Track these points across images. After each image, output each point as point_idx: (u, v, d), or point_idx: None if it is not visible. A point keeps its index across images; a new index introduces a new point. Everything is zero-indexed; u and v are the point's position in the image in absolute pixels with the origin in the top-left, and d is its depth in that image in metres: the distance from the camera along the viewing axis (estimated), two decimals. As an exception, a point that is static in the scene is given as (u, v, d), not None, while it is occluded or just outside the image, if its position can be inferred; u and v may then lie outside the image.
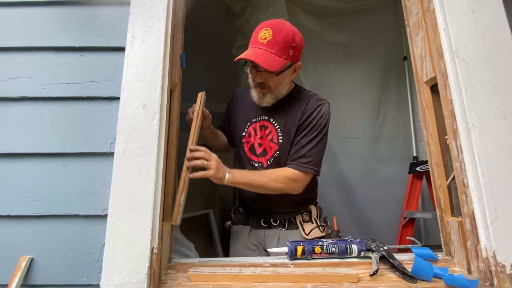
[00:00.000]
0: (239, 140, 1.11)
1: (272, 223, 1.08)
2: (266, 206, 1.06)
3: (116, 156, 0.71)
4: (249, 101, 1.10)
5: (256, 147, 1.06)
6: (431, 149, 0.91)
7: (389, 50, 2.11)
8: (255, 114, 1.09)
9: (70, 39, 0.80)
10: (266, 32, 0.93)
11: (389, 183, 1.89)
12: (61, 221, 0.70)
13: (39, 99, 0.76)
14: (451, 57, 0.78)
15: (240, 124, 1.12)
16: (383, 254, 0.78)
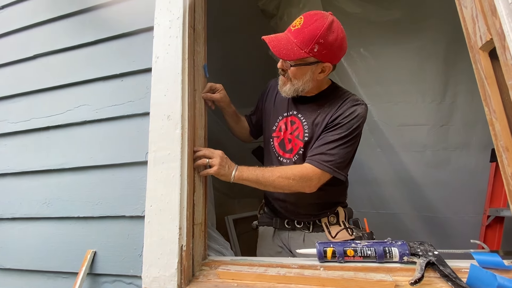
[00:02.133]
0: (269, 135, 1.07)
1: (296, 225, 1.03)
2: (290, 206, 1.01)
3: (149, 164, 0.81)
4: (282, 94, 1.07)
5: (286, 143, 1.02)
6: (496, 130, 0.72)
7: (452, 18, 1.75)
8: (286, 108, 1.05)
9: (112, 68, 0.96)
10: (299, 20, 0.90)
11: (466, 174, 1.56)
12: (113, 221, 0.84)
13: (94, 121, 0.93)
14: (508, 11, 0.62)
15: (272, 117, 1.08)
16: (432, 260, 0.66)
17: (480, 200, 1.45)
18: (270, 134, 1.07)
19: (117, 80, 0.95)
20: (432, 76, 1.72)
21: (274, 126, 1.06)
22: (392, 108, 1.67)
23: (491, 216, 1.31)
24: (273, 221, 1.07)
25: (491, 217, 1.31)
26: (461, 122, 1.67)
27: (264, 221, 1.12)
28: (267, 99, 1.13)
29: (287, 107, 1.06)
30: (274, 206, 1.05)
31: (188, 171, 0.80)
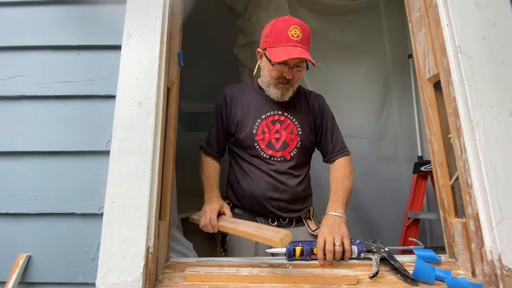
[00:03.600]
0: (251, 139, 1.05)
1: (282, 222, 1.05)
2: (282, 204, 1.03)
3: (112, 154, 0.71)
4: (250, 98, 1.10)
5: (274, 142, 1.05)
6: (434, 148, 0.88)
7: (393, 48, 2.07)
8: (262, 111, 1.07)
9: (67, 38, 0.80)
10: (296, 30, 0.96)
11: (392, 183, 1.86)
12: (58, 219, 0.70)
13: (37, 97, 0.77)
14: (454, 53, 0.76)
15: (247, 122, 1.06)
16: (384, 255, 0.76)
17: (402, 205, 1.74)
18: (252, 138, 1.05)
19: (72, 52, 0.80)
20: (374, 96, 1.98)
21: (253, 130, 1.05)
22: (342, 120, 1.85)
23: (411, 218, 1.59)
24: (257, 220, 1.03)
25: (410, 219, 1.59)
26: (391, 138, 1.97)
27: None
28: (232, 109, 1.10)
29: (262, 109, 1.07)
30: (265, 205, 1.02)
31: (159, 165, 0.74)
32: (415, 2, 0.95)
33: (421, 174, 1.63)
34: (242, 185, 1.05)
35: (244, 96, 1.11)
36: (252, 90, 1.12)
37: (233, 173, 1.11)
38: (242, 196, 1.06)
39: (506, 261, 0.62)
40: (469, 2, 0.77)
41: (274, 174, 1.02)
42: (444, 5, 0.79)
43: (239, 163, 1.09)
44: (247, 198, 1.05)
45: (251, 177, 1.04)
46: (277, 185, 1.02)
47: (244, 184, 1.05)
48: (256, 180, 1.03)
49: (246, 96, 1.10)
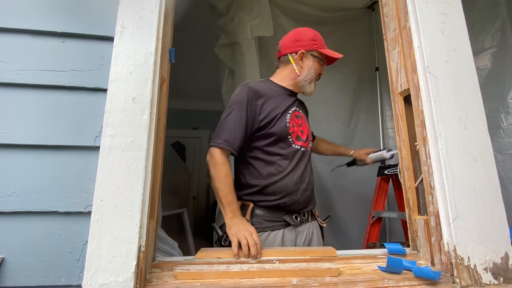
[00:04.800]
0: (285, 132, 1.09)
1: (302, 217, 1.10)
2: (310, 194, 1.11)
3: (102, 150, 0.68)
4: (273, 94, 1.15)
5: (300, 135, 1.15)
6: (403, 154, 1.00)
7: (362, 60, 2.26)
8: (287, 105, 1.15)
9: (50, 23, 0.75)
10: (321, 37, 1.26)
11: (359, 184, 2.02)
12: (36, 218, 0.65)
13: (14, 85, 0.70)
14: (423, 72, 0.87)
15: (281, 117, 1.10)
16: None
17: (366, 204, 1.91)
18: (285, 131, 1.09)
19: (55, 39, 0.75)
20: (345, 104, 2.14)
21: (286, 123, 1.10)
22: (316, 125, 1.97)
23: (375, 217, 1.75)
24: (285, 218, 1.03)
25: (374, 217, 1.75)
26: (359, 144, 2.14)
27: (268, 225, 1.02)
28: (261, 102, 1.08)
29: (286, 104, 1.15)
30: (298, 198, 1.05)
31: (153, 163, 0.73)
32: (390, 23, 1.07)
33: (384, 176, 1.81)
34: (274, 181, 1.03)
35: (270, 91, 1.14)
36: (274, 87, 1.19)
37: (258, 172, 1.06)
38: (274, 192, 1.03)
39: (460, 251, 0.73)
40: (436, 29, 0.90)
41: (303, 165, 1.11)
42: (416, 29, 0.91)
43: (267, 160, 1.06)
44: (280, 193, 1.03)
45: (284, 172, 1.05)
46: (305, 175, 1.10)
47: (278, 179, 1.04)
48: (290, 174, 1.06)
49: (272, 92, 1.14)
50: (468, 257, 0.72)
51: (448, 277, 0.74)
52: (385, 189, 1.80)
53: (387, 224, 2.05)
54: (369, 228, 1.75)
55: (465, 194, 0.77)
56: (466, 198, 0.77)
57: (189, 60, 2.60)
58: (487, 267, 0.73)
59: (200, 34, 2.28)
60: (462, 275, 0.71)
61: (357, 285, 0.70)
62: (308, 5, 2.08)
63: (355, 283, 0.70)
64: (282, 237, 1.04)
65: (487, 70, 1.77)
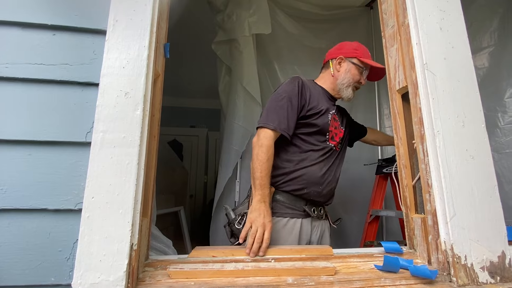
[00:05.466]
0: (326, 128, 1.17)
1: (320, 212, 1.16)
2: (332, 190, 1.18)
3: (93, 146, 0.66)
4: (318, 92, 1.23)
5: (334, 136, 1.22)
6: (400, 152, 0.99)
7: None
8: (328, 106, 1.22)
9: (40, 15, 0.73)
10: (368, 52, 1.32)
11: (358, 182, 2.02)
12: (25, 216, 0.63)
13: (2, 79, 0.68)
14: (421, 69, 0.86)
15: (322, 113, 1.17)
16: None
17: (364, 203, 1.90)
18: (326, 127, 1.17)
19: (46, 32, 0.73)
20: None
21: (328, 121, 1.18)
22: (313, 122, 1.97)
23: (372, 215, 1.75)
24: (305, 208, 1.09)
25: (372, 216, 1.75)
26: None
27: (287, 212, 1.07)
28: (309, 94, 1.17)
29: (328, 104, 1.23)
30: (322, 190, 1.11)
31: (146, 159, 0.71)
32: (389, 19, 1.05)
33: (383, 175, 1.80)
34: (304, 168, 1.11)
35: (314, 89, 1.23)
36: (317, 87, 1.27)
37: (291, 156, 1.13)
38: (301, 179, 1.09)
39: (457, 250, 0.73)
40: (435, 26, 0.89)
41: (332, 162, 1.18)
42: (415, 26, 0.89)
43: (302, 147, 1.13)
44: (307, 181, 1.10)
45: (315, 162, 1.13)
46: (331, 171, 1.17)
47: (307, 167, 1.11)
48: (319, 164, 1.13)
49: (316, 91, 1.23)
50: (465, 256, 0.72)
51: (445, 276, 0.73)
52: (383, 188, 1.80)
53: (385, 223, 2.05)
54: (366, 227, 1.74)
55: (463, 193, 0.76)
56: (464, 197, 0.76)
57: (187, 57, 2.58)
58: (484, 266, 0.72)
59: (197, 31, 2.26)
60: (459, 274, 0.71)
61: (353, 284, 0.69)
62: (306, 3, 2.07)
63: (351, 282, 0.69)
64: (301, 226, 1.10)
65: (484, 69, 1.77)
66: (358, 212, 1.97)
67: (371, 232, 1.73)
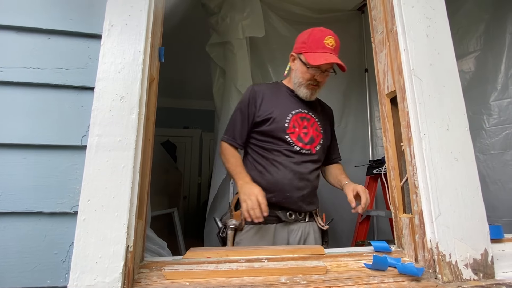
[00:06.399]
0: (282, 131, 1.14)
1: (298, 216, 1.13)
2: (306, 195, 1.12)
3: (89, 150, 0.67)
4: (278, 95, 1.21)
5: (303, 136, 1.16)
6: (389, 154, 1.02)
7: (352, 61, 2.29)
8: (292, 107, 1.18)
9: (35, 19, 0.73)
10: (331, 39, 1.16)
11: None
12: (20, 219, 0.64)
13: (-4, 83, 0.68)
14: (409, 74, 0.90)
15: (279, 116, 1.15)
16: None
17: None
18: (284, 131, 1.14)
19: (41, 36, 0.73)
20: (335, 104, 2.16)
21: (285, 123, 1.14)
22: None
23: (363, 215, 1.79)
24: (277, 214, 1.07)
25: (363, 216, 1.79)
26: (349, 143, 2.18)
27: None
28: (262, 102, 1.18)
29: (291, 106, 1.18)
30: (291, 196, 1.08)
31: (141, 163, 0.72)
32: (378, 26, 1.09)
33: (373, 176, 1.85)
34: (268, 175, 1.10)
35: (273, 93, 1.21)
36: (281, 89, 1.24)
37: (255, 166, 1.14)
38: (267, 187, 1.07)
39: (442, 248, 0.76)
40: (422, 32, 0.92)
41: (301, 165, 1.12)
42: (402, 32, 0.93)
43: (265, 156, 1.13)
44: (273, 188, 1.09)
45: (278, 168, 1.10)
46: (303, 176, 1.11)
47: (271, 174, 1.10)
48: (283, 170, 1.09)
49: (276, 93, 1.20)
50: (450, 253, 0.75)
51: (431, 273, 0.77)
52: (374, 188, 1.84)
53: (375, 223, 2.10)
54: (357, 227, 1.78)
55: (447, 193, 0.80)
56: (448, 197, 0.79)
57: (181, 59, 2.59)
58: (468, 263, 0.76)
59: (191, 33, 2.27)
60: (444, 271, 0.74)
61: (343, 282, 0.71)
62: (299, 6, 2.10)
63: (342, 280, 0.72)
64: (274, 232, 1.10)
65: (471, 73, 1.83)
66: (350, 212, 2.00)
67: (362, 231, 1.77)
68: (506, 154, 1.61)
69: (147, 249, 0.85)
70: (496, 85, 1.71)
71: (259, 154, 1.16)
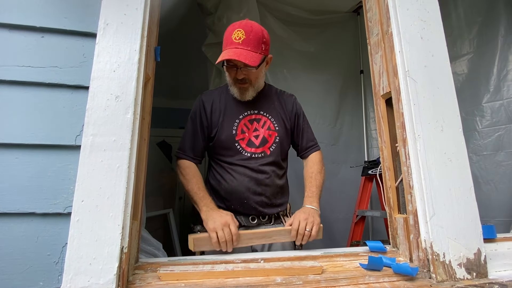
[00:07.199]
0: (231, 139, 1.09)
1: (261, 220, 1.08)
2: (265, 199, 1.06)
3: (83, 150, 0.66)
4: (226, 101, 1.14)
5: (253, 140, 1.10)
6: (384, 155, 1.03)
7: (348, 63, 2.31)
8: (239, 111, 1.12)
9: (29, 17, 0.72)
10: (239, 32, 1.02)
11: (343, 184, 2.07)
12: (12, 220, 0.63)
13: (-12, 81, 0.67)
14: (404, 76, 0.91)
15: (226, 124, 1.10)
16: None
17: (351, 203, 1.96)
18: (232, 139, 1.09)
19: (34, 34, 0.72)
20: (331, 105, 2.18)
21: (233, 131, 1.09)
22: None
23: (359, 216, 1.80)
24: (239, 219, 1.03)
25: (358, 216, 1.80)
26: (344, 144, 2.19)
27: None
28: (210, 113, 1.13)
29: (238, 110, 1.12)
30: (248, 202, 1.04)
31: (136, 163, 0.71)
32: (373, 28, 1.10)
33: (368, 176, 1.86)
34: (224, 184, 1.07)
35: (220, 100, 1.14)
36: (227, 93, 1.16)
37: (214, 175, 1.12)
38: (224, 195, 1.07)
39: (436, 248, 0.77)
40: (416, 35, 0.93)
41: (256, 169, 1.08)
42: (398, 34, 0.94)
43: (220, 164, 1.11)
44: (230, 196, 1.07)
45: (233, 176, 1.07)
46: (260, 179, 1.07)
47: (227, 182, 1.07)
48: (238, 178, 1.06)
49: (222, 100, 1.14)
50: (444, 253, 0.76)
51: (425, 272, 0.77)
52: (369, 189, 1.85)
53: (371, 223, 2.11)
54: (353, 227, 1.79)
55: (441, 193, 0.80)
56: (442, 197, 0.80)
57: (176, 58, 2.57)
58: (461, 263, 0.77)
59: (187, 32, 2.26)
60: (438, 270, 0.75)
61: (339, 282, 0.71)
62: (296, 7, 2.11)
63: (337, 280, 0.72)
64: None
65: (464, 75, 1.85)
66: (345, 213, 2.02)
67: (357, 232, 1.78)
68: (498, 155, 1.64)
69: (142, 250, 0.84)
70: (489, 87, 1.74)
71: (217, 163, 1.13)
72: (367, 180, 1.84)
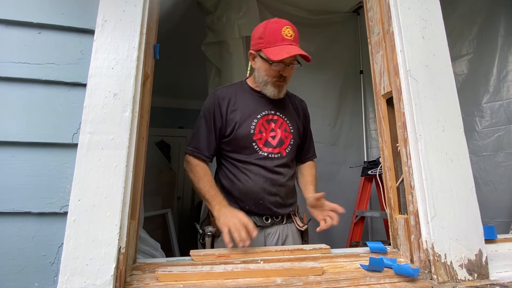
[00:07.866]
0: (249, 138, 1.07)
1: (275, 219, 1.09)
2: (279, 199, 1.08)
3: (80, 148, 0.65)
4: (244, 98, 1.13)
5: (270, 140, 1.10)
6: (385, 155, 1.02)
7: (348, 63, 2.31)
8: (257, 110, 1.11)
9: (25, 13, 0.71)
10: (289, 30, 1.04)
11: (342, 184, 2.07)
12: (7, 219, 0.61)
13: (-17, 78, 0.66)
14: (405, 75, 0.90)
15: (243, 123, 1.08)
16: None
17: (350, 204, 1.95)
18: (249, 138, 1.07)
19: (31, 30, 0.71)
20: (331, 105, 2.18)
21: (251, 130, 1.08)
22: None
23: (358, 216, 1.79)
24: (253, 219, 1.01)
25: (358, 216, 1.79)
26: (343, 144, 2.19)
27: None
28: (225, 110, 1.10)
29: (256, 109, 1.11)
30: (263, 202, 1.04)
31: (134, 161, 0.70)
32: (374, 27, 1.09)
33: (368, 177, 1.86)
34: (238, 184, 1.06)
35: (237, 97, 1.12)
36: (244, 91, 1.15)
37: (226, 174, 1.10)
38: (239, 196, 1.06)
39: (437, 249, 0.76)
40: (418, 34, 0.93)
41: (272, 170, 1.08)
42: (399, 33, 0.93)
43: (233, 163, 1.09)
44: (244, 196, 1.05)
45: (248, 176, 1.05)
46: (275, 180, 1.07)
47: (242, 182, 1.05)
48: (254, 178, 1.05)
49: (239, 97, 1.12)
50: (445, 254, 0.75)
51: (426, 273, 0.77)
52: (368, 189, 1.85)
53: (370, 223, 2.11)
54: (352, 227, 1.78)
55: (442, 194, 0.80)
56: (443, 198, 0.79)
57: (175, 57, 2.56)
58: (463, 264, 0.76)
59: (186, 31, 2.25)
60: (439, 271, 0.74)
61: (340, 283, 0.70)
62: (296, 7, 2.10)
63: (338, 282, 0.71)
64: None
65: (463, 76, 1.85)
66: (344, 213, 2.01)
67: (357, 232, 1.77)
68: (498, 156, 1.64)
69: (140, 251, 0.83)
70: (489, 88, 1.74)
71: (230, 163, 1.11)
72: (366, 181, 1.84)
